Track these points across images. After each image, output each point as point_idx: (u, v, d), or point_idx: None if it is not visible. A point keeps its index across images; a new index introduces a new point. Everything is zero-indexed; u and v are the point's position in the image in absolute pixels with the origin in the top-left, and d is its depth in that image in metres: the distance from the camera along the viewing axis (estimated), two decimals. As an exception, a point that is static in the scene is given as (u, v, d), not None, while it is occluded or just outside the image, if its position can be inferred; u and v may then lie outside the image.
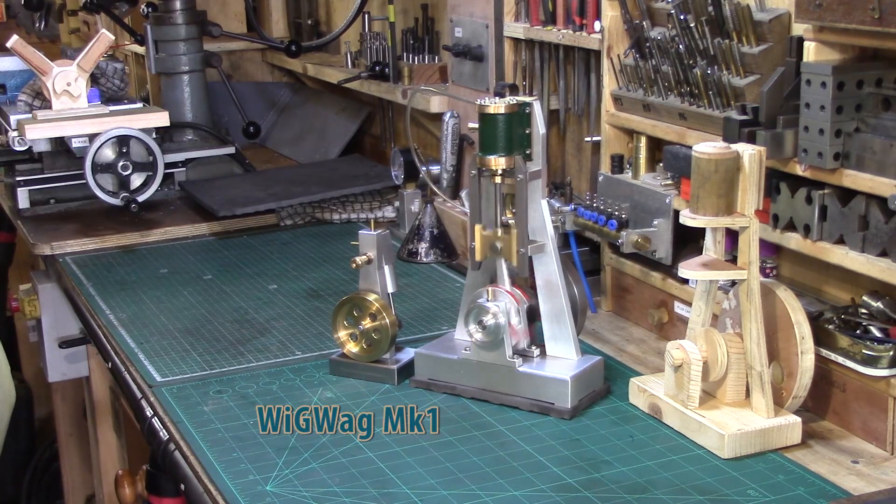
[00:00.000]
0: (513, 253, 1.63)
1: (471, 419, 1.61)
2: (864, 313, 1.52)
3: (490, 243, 1.65)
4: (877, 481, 1.41)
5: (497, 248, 1.65)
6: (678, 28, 1.74)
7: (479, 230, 1.65)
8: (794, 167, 1.54)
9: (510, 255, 1.64)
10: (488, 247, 1.66)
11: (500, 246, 1.64)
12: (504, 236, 1.64)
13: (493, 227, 1.65)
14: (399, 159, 2.52)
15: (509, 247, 1.63)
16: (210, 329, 2.01)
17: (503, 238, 1.64)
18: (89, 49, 2.78)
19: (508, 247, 1.64)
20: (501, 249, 1.64)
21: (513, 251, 1.63)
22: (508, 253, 1.64)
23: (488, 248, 1.66)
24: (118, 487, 2.21)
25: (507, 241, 1.64)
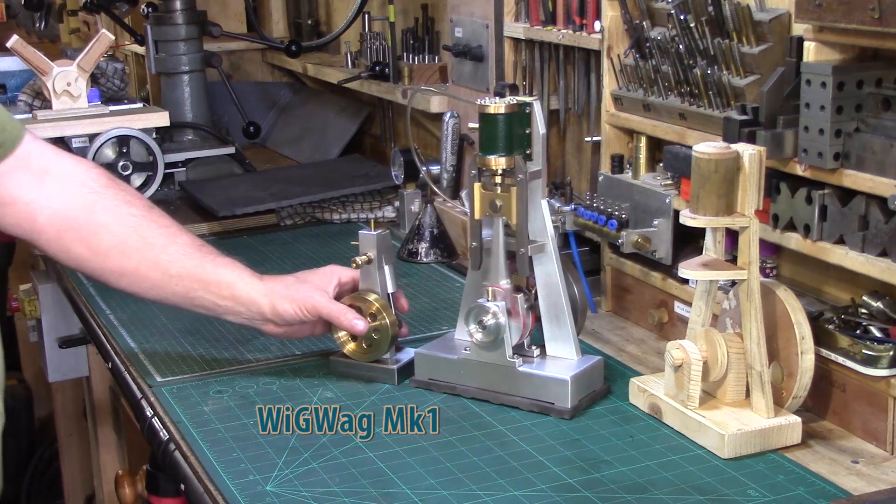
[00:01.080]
0: (512, 210, 1.61)
1: (471, 419, 1.61)
2: (864, 313, 1.52)
3: (490, 200, 1.64)
4: (877, 481, 1.41)
5: (497, 206, 1.63)
6: (678, 28, 1.74)
7: (478, 188, 1.64)
8: (794, 167, 1.54)
9: (510, 213, 1.62)
10: (488, 204, 1.64)
11: (499, 204, 1.63)
12: (503, 194, 1.62)
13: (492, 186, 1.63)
14: (399, 159, 2.52)
15: (509, 205, 1.62)
16: (210, 329, 2.01)
17: (502, 196, 1.62)
18: (89, 49, 2.78)
19: (508, 205, 1.62)
20: (501, 207, 1.63)
21: (513, 209, 1.61)
22: (508, 211, 1.62)
23: (488, 206, 1.64)
24: (118, 487, 2.21)
25: (506, 199, 1.62)
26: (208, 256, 1.72)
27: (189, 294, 1.71)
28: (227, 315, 1.74)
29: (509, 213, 1.62)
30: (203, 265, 1.71)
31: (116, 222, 1.69)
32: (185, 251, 1.71)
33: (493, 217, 1.64)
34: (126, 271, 1.70)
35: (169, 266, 1.70)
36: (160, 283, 1.71)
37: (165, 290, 1.71)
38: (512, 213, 1.62)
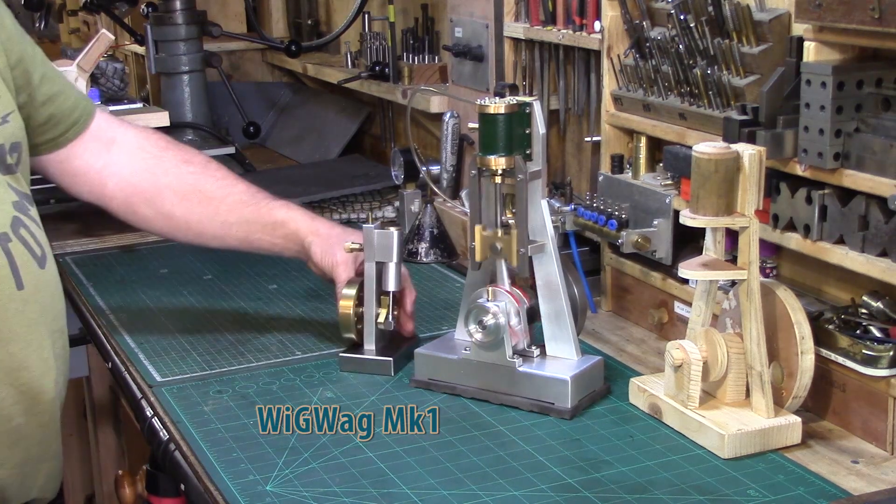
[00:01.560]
0: (513, 253, 1.63)
1: (471, 419, 1.61)
2: (864, 313, 1.52)
3: (490, 244, 1.65)
4: (877, 481, 1.41)
5: (497, 249, 1.65)
6: (678, 28, 1.74)
7: (479, 231, 1.65)
8: (794, 167, 1.54)
9: (510, 255, 1.64)
10: (488, 247, 1.66)
11: (500, 246, 1.64)
12: (504, 237, 1.64)
13: (494, 227, 1.65)
14: (399, 159, 2.52)
15: (509, 247, 1.63)
16: (210, 329, 2.01)
17: (503, 239, 1.64)
18: (89, 49, 2.78)
19: (509, 247, 1.64)
20: (501, 250, 1.64)
21: (513, 252, 1.63)
22: (509, 253, 1.64)
23: (488, 249, 1.66)
24: (118, 487, 2.21)
25: (507, 241, 1.64)
26: (263, 201, 1.86)
27: (249, 237, 1.86)
28: (283, 251, 1.88)
29: (510, 255, 1.63)
30: (259, 210, 1.85)
31: (178, 181, 1.85)
32: (242, 199, 1.85)
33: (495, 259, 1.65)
34: (191, 225, 1.85)
35: (228, 215, 1.84)
36: (221, 231, 1.85)
37: (227, 237, 1.86)
38: (512, 255, 1.63)
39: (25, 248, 1.51)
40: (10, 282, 1.47)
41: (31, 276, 1.51)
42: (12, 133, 1.56)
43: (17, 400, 1.50)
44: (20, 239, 1.51)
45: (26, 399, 1.52)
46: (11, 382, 1.49)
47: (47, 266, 1.56)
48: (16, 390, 1.50)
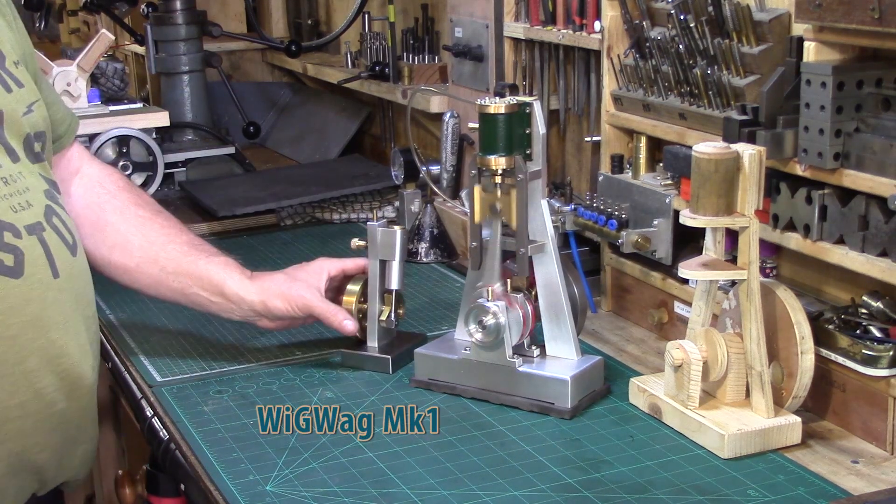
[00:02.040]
0: (512, 213, 1.62)
1: (471, 419, 1.61)
2: (864, 313, 1.52)
3: (490, 204, 1.64)
4: (877, 481, 1.41)
5: (497, 209, 1.63)
6: (678, 28, 1.74)
7: (478, 191, 1.64)
8: (794, 167, 1.54)
9: (510, 215, 1.62)
10: (488, 207, 1.64)
11: (499, 206, 1.63)
12: (503, 197, 1.63)
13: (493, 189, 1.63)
14: (399, 159, 2.52)
15: (509, 207, 1.62)
16: (210, 329, 2.01)
17: (503, 199, 1.63)
18: (89, 49, 2.78)
19: (508, 207, 1.62)
20: (501, 210, 1.63)
21: (512, 211, 1.62)
22: (508, 213, 1.62)
23: (488, 209, 1.64)
24: (118, 488, 2.21)
25: (506, 201, 1.62)
26: (203, 255, 1.80)
27: (185, 291, 1.80)
28: (221, 313, 1.81)
29: (509, 216, 1.62)
30: (196, 262, 1.79)
31: (123, 221, 1.80)
32: (182, 250, 1.80)
33: (493, 220, 1.64)
34: (128, 268, 1.79)
35: (167, 263, 1.78)
36: (158, 279, 1.79)
37: (163, 286, 1.80)
38: (512, 216, 1.62)
39: (58, 237, 1.53)
40: (46, 270, 1.49)
41: (65, 264, 1.52)
42: (37, 122, 1.57)
43: (59, 386, 1.52)
44: (53, 227, 1.52)
45: (67, 385, 1.53)
46: (53, 369, 1.50)
47: (78, 253, 1.58)
48: (57, 377, 1.51)
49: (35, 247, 1.48)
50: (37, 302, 1.47)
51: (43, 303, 1.48)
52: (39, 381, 1.49)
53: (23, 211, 1.48)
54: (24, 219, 1.47)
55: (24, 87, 1.56)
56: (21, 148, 1.53)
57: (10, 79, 1.54)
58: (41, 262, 1.48)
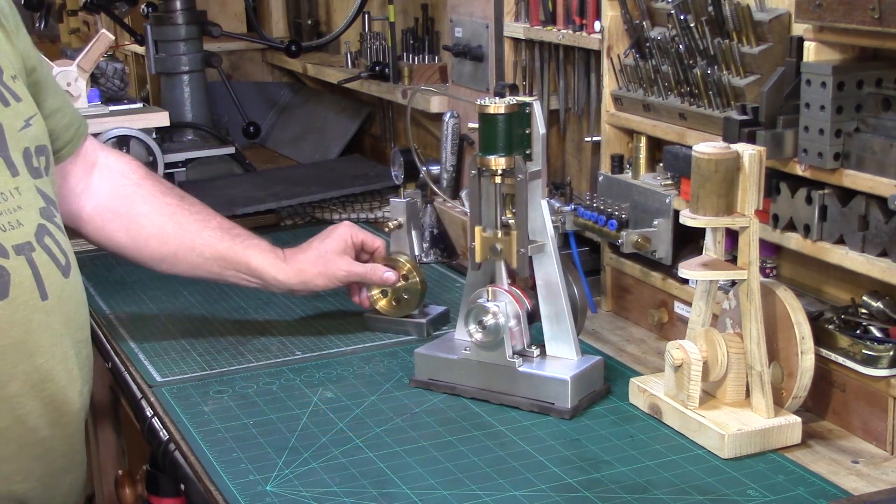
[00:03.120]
0: (513, 254, 1.63)
1: (471, 419, 1.61)
2: (864, 313, 1.52)
3: (490, 245, 1.65)
4: (877, 481, 1.41)
5: (497, 250, 1.65)
6: (678, 28, 1.74)
7: (478, 232, 1.65)
8: (794, 167, 1.54)
9: (510, 256, 1.64)
10: (488, 248, 1.66)
11: (500, 248, 1.64)
12: (504, 238, 1.64)
13: (493, 228, 1.65)
14: (399, 159, 2.52)
15: (509, 248, 1.63)
16: (210, 329, 2.01)
17: (503, 240, 1.64)
18: (89, 49, 2.78)
19: (508, 248, 1.64)
20: (502, 251, 1.64)
21: (513, 253, 1.63)
22: (508, 254, 1.64)
23: (488, 250, 1.66)
24: (118, 488, 2.21)
25: (506, 242, 1.64)
26: (237, 240, 1.87)
27: (223, 274, 1.88)
28: (259, 289, 1.92)
29: (510, 256, 1.64)
30: (233, 248, 1.86)
31: (155, 211, 1.85)
32: (217, 235, 1.86)
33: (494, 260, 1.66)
34: (165, 256, 1.86)
35: (203, 249, 1.85)
36: (196, 265, 1.86)
37: (201, 270, 1.88)
38: (512, 256, 1.63)
39: (49, 257, 1.49)
40: (34, 292, 1.45)
41: (55, 286, 1.48)
42: (35, 136, 1.54)
43: (43, 412, 1.48)
44: (44, 248, 1.48)
45: (51, 411, 1.49)
46: (37, 395, 1.47)
47: (71, 275, 1.53)
48: (41, 403, 1.47)
49: (23, 268, 1.44)
50: (21, 324, 1.43)
51: (28, 325, 1.44)
52: (22, 407, 1.45)
53: (12, 230, 1.44)
54: (12, 238, 1.44)
55: (22, 101, 1.53)
56: (22, 162, 1.50)
57: (8, 93, 1.51)
58: (28, 284, 1.44)
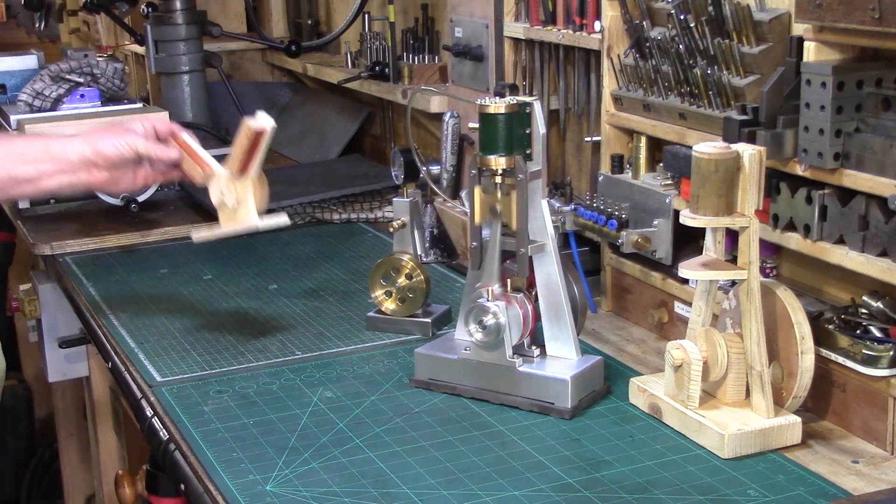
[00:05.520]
0: (512, 214, 1.62)
1: (471, 419, 1.61)
2: (864, 313, 1.52)
3: (490, 205, 1.64)
4: (877, 481, 1.41)
5: (497, 211, 1.64)
6: (678, 28, 1.74)
7: (478, 192, 1.64)
8: (794, 167, 1.54)
9: (510, 217, 1.63)
10: (488, 209, 1.65)
11: (499, 208, 1.63)
12: (504, 198, 1.63)
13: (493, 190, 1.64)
14: (399, 159, 2.52)
15: (509, 209, 1.62)
16: (210, 329, 2.01)
17: (503, 200, 1.63)
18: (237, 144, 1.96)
19: (508, 209, 1.62)
20: (501, 212, 1.63)
21: (512, 213, 1.62)
22: (508, 215, 1.63)
23: (488, 210, 1.65)
24: (118, 487, 2.21)
25: (506, 202, 1.63)
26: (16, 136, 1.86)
27: (9, 173, 1.76)
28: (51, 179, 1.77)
29: (509, 217, 1.62)
30: (13, 142, 1.82)
31: None
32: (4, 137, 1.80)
33: (493, 221, 1.65)
34: None
35: None
36: None
37: None
38: (512, 217, 1.62)
39: None
40: None
41: None
42: None
43: None
44: None
45: None
46: None
47: None
48: None
49: None
50: None
51: None
52: None
53: None
54: None
55: None
56: None
57: None
58: None
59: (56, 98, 2.87)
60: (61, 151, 1.77)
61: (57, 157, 1.76)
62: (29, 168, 1.77)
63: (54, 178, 1.78)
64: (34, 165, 1.77)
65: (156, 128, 1.86)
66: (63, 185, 1.79)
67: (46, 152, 1.77)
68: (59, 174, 1.77)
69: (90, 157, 1.77)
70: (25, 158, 1.77)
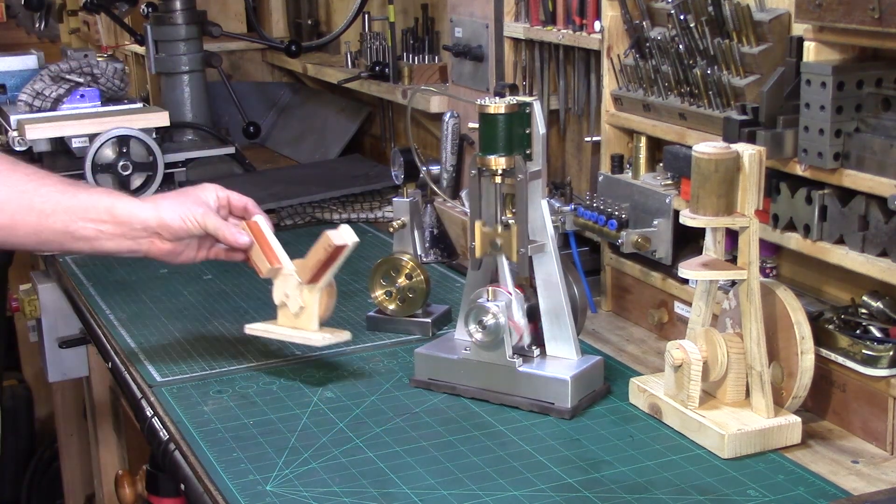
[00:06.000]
0: (513, 250, 1.63)
1: (471, 419, 1.61)
2: (864, 313, 1.52)
3: (490, 240, 1.65)
4: (877, 481, 1.41)
5: (497, 245, 1.64)
6: (678, 28, 1.74)
7: (479, 226, 1.65)
8: (794, 167, 1.54)
9: (510, 251, 1.63)
10: (488, 243, 1.65)
11: (500, 242, 1.64)
12: (504, 233, 1.64)
13: (494, 223, 1.65)
14: (399, 159, 2.52)
15: (509, 244, 1.63)
16: (210, 329, 2.01)
17: (503, 235, 1.64)
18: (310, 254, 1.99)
19: (508, 244, 1.63)
20: (501, 246, 1.64)
21: (513, 248, 1.63)
22: (508, 250, 1.64)
23: (488, 245, 1.65)
24: (118, 487, 2.21)
25: (506, 237, 1.63)
26: (81, 188, 1.72)
27: (68, 228, 1.69)
28: (110, 241, 1.71)
29: (510, 251, 1.63)
30: (77, 196, 1.69)
31: None
32: (57, 188, 1.70)
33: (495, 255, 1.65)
34: (3, 224, 1.68)
35: (44, 206, 1.68)
36: (38, 225, 1.68)
37: (45, 231, 1.68)
38: (512, 251, 1.63)
39: None
40: None
41: None
42: None
43: None
44: None
45: None
46: None
47: None
48: None
49: None
50: None
51: None
52: None
53: None
54: None
55: None
56: None
57: None
58: None
59: (56, 98, 2.87)
60: (126, 216, 1.69)
61: (121, 221, 1.69)
62: (89, 226, 1.69)
63: (113, 241, 1.71)
64: (95, 225, 1.69)
65: (231, 201, 1.82)
66: (122, 249, 1.72)
67: (110, 213, 1.68)
68: (120, 238, 1.70)
69: (155, 228, 1.70)
70: (87, 216, 1.69)
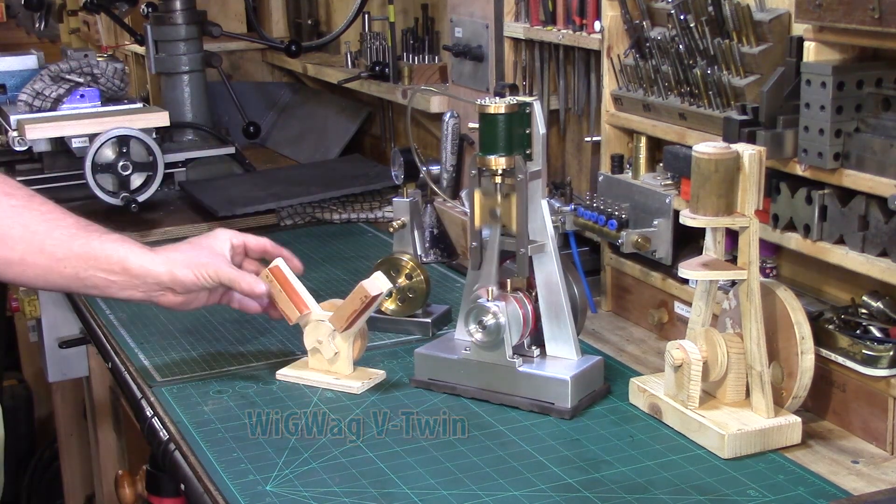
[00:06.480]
0: (512, 218, 1.62)
1: (471, 419, 1.61)
2: (864, 313, 1.52)
3: (490, 209, 1.64)
4: (877, 481, 1.41)
5: (496, 214, 1.64)
6: (678, 28, 1.74)
7: (478, 195, 1.64)
8: (794, 167, 1.54)
9: (509, 220, 1.63)
10: (487, 212, 1.65)
11: (499, 211, 1.63)
12: (503, 202, 1.63)
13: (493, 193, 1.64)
14: (399, 159, 2.52)
15: (508, 212, 1.62)
16: (210, 329, 2.01)
17: (503, 204, 1.63)
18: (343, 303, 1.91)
19: (508, 212, 1.62)
20: (501, 215, 1.63)
21: (512, 216, 1.62)
22: (508, 218, 1.63)
23: (487, 214, 1.65)
24: (118, 487, 2.21)
25: (506, 206, 1.63)
26: (94, 234, 1.70)
27: (79, 275, 1.68)
28: (121, 291, 1.70)
29: (509, 220, 1.62)
30: (90, 243, 1.68)
31: None
32: (70, 233, 1.68)
33: (493, 224, 1.65)
34: (12, 261, 1.66)
35: (55, 250, 1.67)
36: (48, 268, 1.67)
37: (54, 273, 1.68)
38: (512, 220, 1.62)
39: None
40: None
41: None
42: None
43: None
44: None
45: None
46: None
47: None
48: None
49: None
50: None
51: None
52: None
53: None
54: None
55: None
56: None
57: None
58: None
59: (56, 98, 2.87)
60: (139, 270, 1.68)
61: (133, 275, 1.68)
62: (100, 276, 1.68)
63: (125, 292, 1.69)
64: (106, 275, 1.68)
65: (247, 245, 1.81)
66: (133, 298, 1.71)
67: (122, 266, 1.67)
68: (131, 289, 1.70)
69: (167, 284, 1.70)
70: (99, 265, 1.67)
